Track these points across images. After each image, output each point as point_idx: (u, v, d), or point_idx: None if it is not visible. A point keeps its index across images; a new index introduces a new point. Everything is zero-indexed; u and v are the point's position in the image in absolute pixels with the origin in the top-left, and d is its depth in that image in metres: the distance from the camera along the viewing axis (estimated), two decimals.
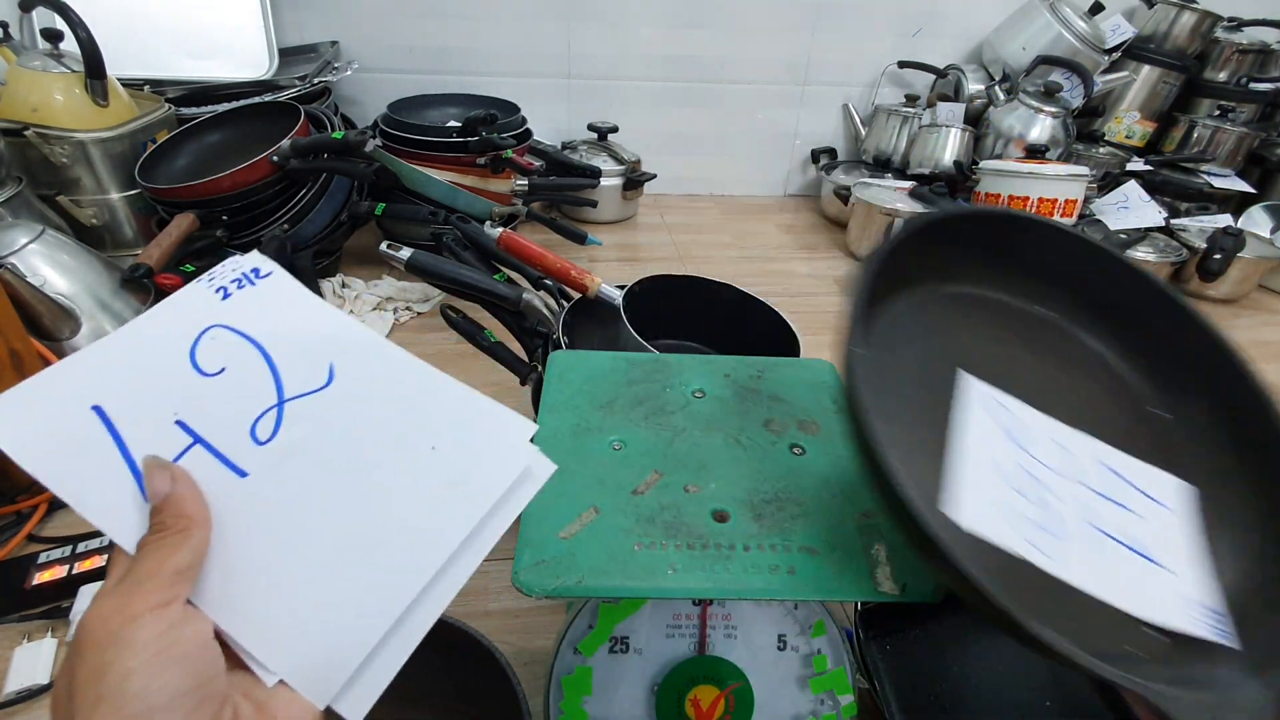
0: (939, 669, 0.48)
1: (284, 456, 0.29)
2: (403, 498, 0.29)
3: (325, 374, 0.31)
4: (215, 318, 0.31)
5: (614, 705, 0.41)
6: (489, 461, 0.30)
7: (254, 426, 0.29)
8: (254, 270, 0.33)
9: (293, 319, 0.32)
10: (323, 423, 0.30)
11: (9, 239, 0.78)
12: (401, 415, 0.31)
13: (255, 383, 0.30)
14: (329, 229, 1.11)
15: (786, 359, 0.52)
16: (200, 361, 0.30)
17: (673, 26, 1.57)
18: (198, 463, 0.28)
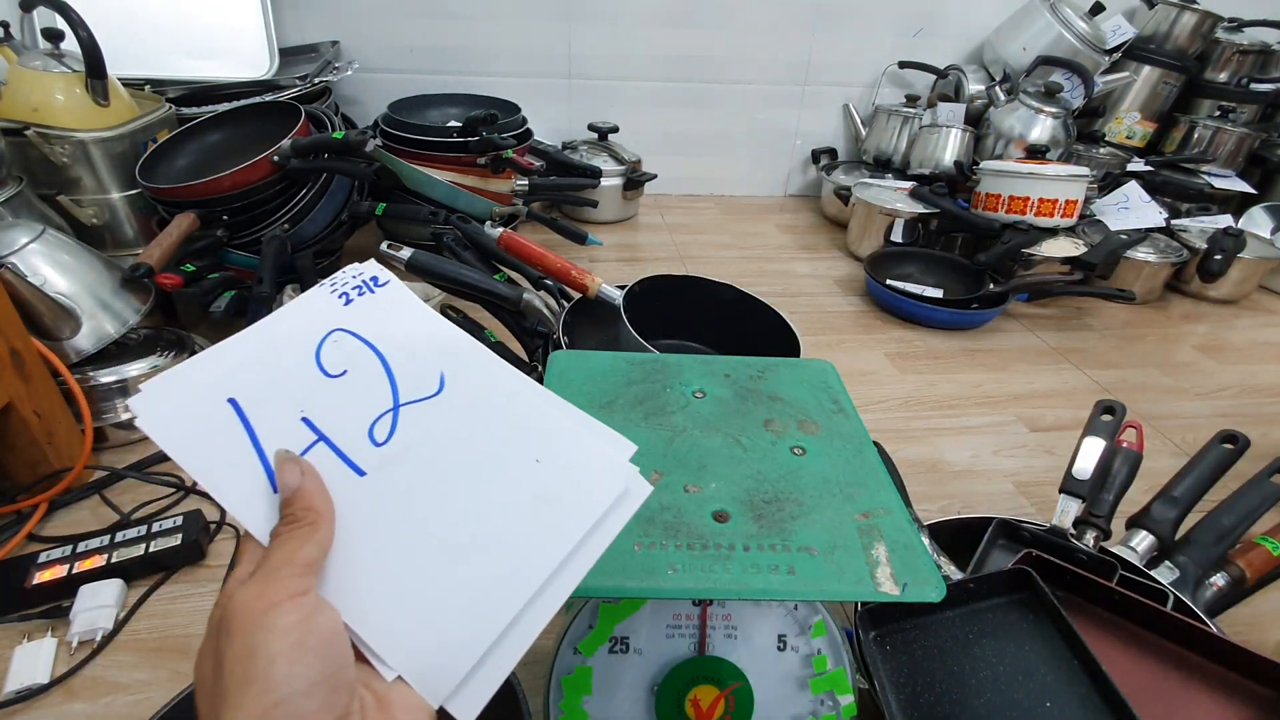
0: (939, 669, 0.48)
1: (399, 458, 0.29)
2: (508, 507, 0.29)
3: (437, 382, 0.32)
4: (338, 321, 0.33)
5: (614, 705, 0.41)
6: (591, 478, 0.31)
7: (372, 428, 0.30)
8: (373, 279, 0.35)
9: (408, 327, 0.34)
10: (434, 429, 0.31)
11: (9, 238, 0.78)
12: (507, 427, 0.31)
13: (374, 386, 0.31)
14: (329, 229, 1.11)
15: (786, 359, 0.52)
16: (325, 362, 0.31)
17: (673, 26, 1.57)
18: (320, 459, 0.29)
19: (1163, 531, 0.61)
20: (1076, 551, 0.57)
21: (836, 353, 1.12)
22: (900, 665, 0.49)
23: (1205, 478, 0.64)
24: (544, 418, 0.32)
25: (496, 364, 0.33)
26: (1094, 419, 0.63)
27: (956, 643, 0.50)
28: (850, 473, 0.41)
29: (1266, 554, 0.60)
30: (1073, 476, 0.60)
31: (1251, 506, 0.62)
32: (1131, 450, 0.64)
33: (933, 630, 0.51)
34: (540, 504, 0.30)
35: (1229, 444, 0.66)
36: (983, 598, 0.52)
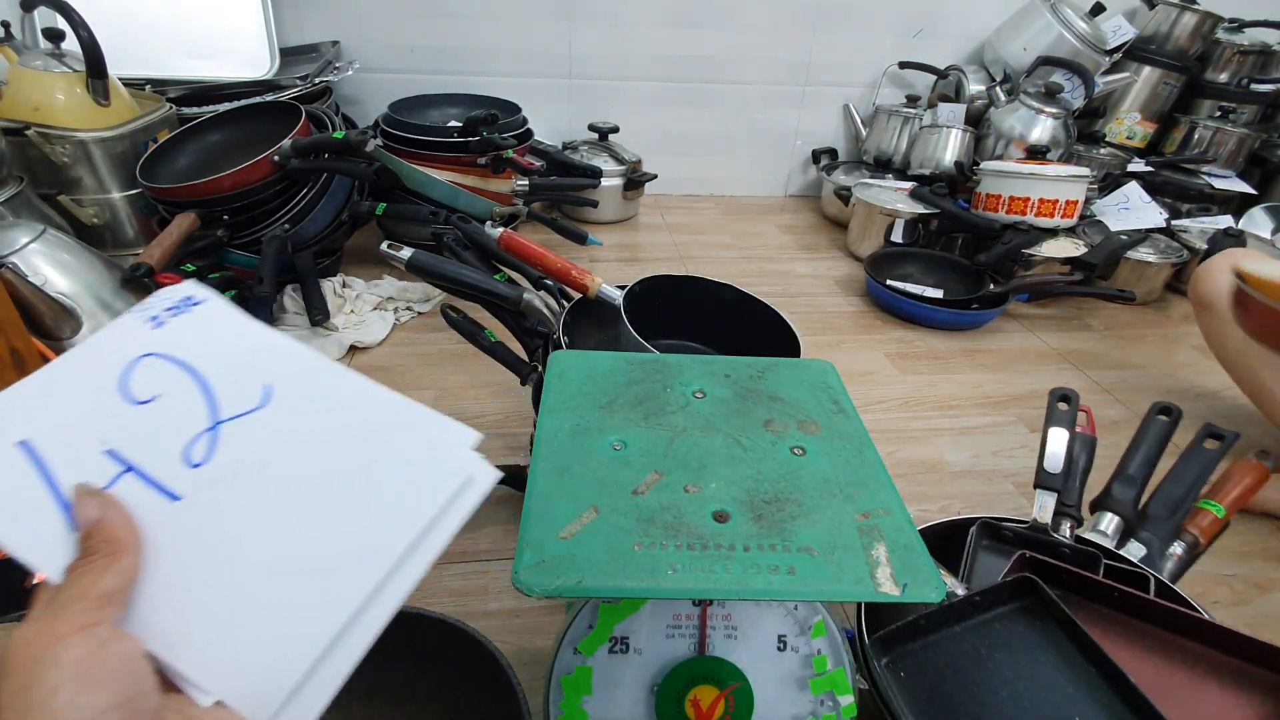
0: (957, 691, 0.48)
1: (220, 478, 0.29)
2: (343, 512, 0.29)
3: (261, 394, 0.31)
4: (147, 346, 0.31)
5: (614, 705, 0.41)
6: (430, 472, 0.30)
7: (188, 450, 0.29)
8: (187, 298, 0.33)
9: (228, 343, 0.32)
10: (260, 442, 0.30)
11: (10, 238, 0.78)
12: (341, 430, 0.31)
13: (189, 407, 0.30)
14: (330, 229, 1.11)
15: (787, 359, 0.52)
16: (132, 390, 0.30)
17: (673, 27, 1.57)
18: (129, 490, 0.28)
19: (1126, 511, 0.63)
20: (1060, 545, 0.58)
21: (836, 353, 1.12)
22: (917, 690, 0.48)
23: (1153, 452, 0.67)
24: (380, 417, 0.32)
25: (329, 368, 0.33)
26: (1053, 409, 0.64)
27: (969, 660, 0.49)
28: (850, 473, 0.41)
29: (1212, 517, 0.63)
30: (1045, 470, 0.61)
31: (1195, 474, 0.65)
32: (1087, 435, 0.65)
33: (943, 648, 0.50)
34: (376, 504, 0.29)
35: (1164, 415, 0.68)
36: (987, 609, 0.52)
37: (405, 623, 0.50)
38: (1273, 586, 0.74)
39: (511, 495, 0.77)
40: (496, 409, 0.93)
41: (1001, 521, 0.60)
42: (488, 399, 0.95)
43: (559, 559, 0.34)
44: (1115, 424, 0.98)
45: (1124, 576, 0.56)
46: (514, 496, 0.77)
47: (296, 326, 1.03)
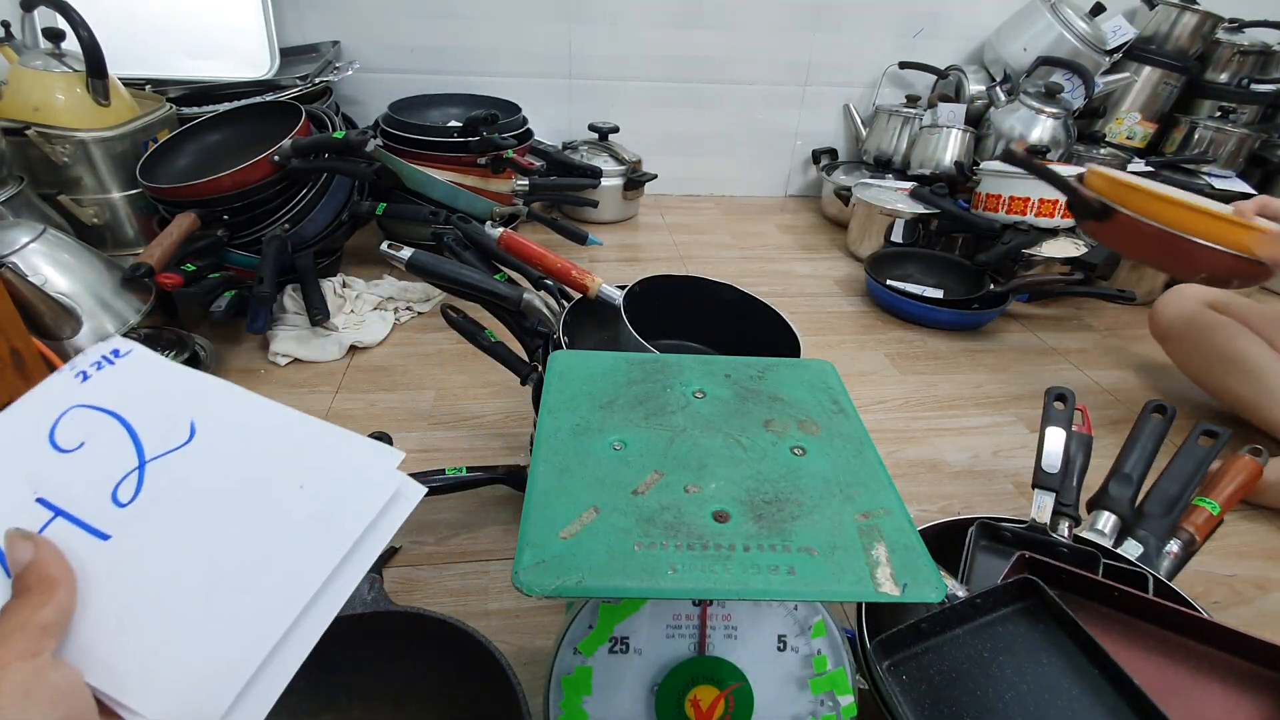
0: (962, 695, 0.47)
1: (148, 513, 0.30)
2: (272, 536, 0.30)
3: (186, 431, 0.33)
4: (74, 399, 0.34)
5: (614, 705, 0.41)
6: (356, 492, 0.32)
7: (115, 490, 0.31)
8: (113, 351, 0.36)
9: (152, 387, 0.35)
10: (187, 475, 0.32)
11: (10, 238, 0.78)
12: (266, 459, 0.33)
13: (115, 450, 0.32)
14: (330, 229, 1.11)
15: (787, 359, 0.52)
16: (59, 440, 0.32)
17: (674, 27, 1.57)
18: (61, 533, 0.29)
19: (1123, 510, 0.64)
20: (1058, 545, 0.58)
21: (837, 353, 1.12)
22: (921, 695, 0.48)
23: (1148, 450, 0.67)
24: (305, 442, 0.33)
25: (252, 401, 0.35)
26: (1049, 409, 0.65)
27: (972, 662, 0.49)
28: (850, 473, 0.41)
29: (1208, 514, 0.63)
30: (1043, 470, 0.61)
31: (1190, 471, 0.65)
32: (1084, 434, 0.65)
33: (946, 652, 0.50)
34: (305, 527, 0.31)
35: (1158, 414, 0.69)
36: (989, 610, 0.52)
37: (405, 623, 0.50)
38: (1273, 586, 0.74)
39: (511, 495, 0.77)
40: (496, 409, 0.93)
41: (1000, 522, 0.60)
42: (488, 399, 0.95)
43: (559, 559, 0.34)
44: (1115, 424, 0.98)
45: (1122, 575, 0.57)
46: (514, 496, 0.77)
47: (296, 326, 1.03)
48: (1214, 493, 0.65)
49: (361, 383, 0.97)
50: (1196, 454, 0.66)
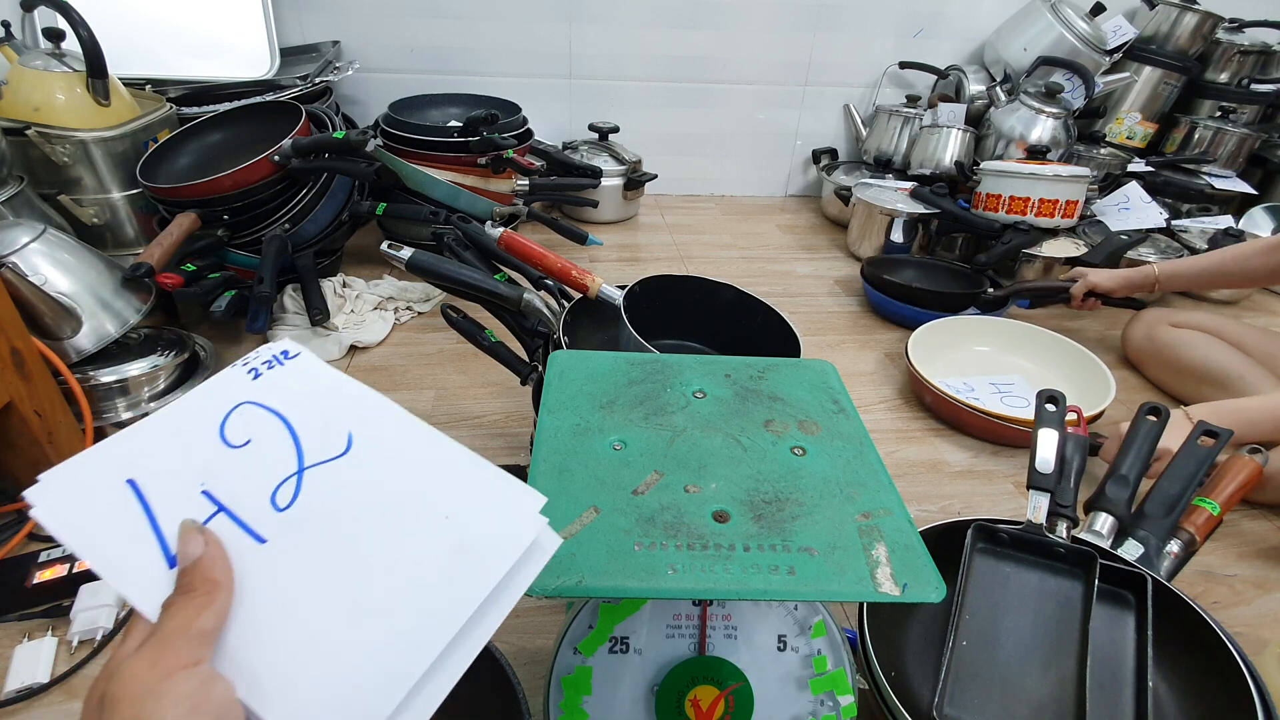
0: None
1: (302, 522, 0.30)
2: (416, 563, 0.29)
3: (344, 442, 0.33)
4: (245, 395, 0.34)
5: (614, 705, 0.41)
6: (500, 532, 0.31)
7: (275, 494, 0.31)
8: (283, 353, 0.36)
9: (316, 392, 0.35)
10: (341, 487, 0.31)
11: (11, 238, 0.78)
12: (417, 482, 0.32)
13: (278, 452, 0.32)
14: (330, 229, 1.11)
15: (787, 359, 0.52)
16: (229, 435, 0.32)
17: (674, 27, 1.57)
18: (221, 529, 0.29)
19: (1120, 511, 0.64)
20: (1055, 545, 0.58)
21: (837, 353, 1.12)
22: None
23: (1145, 452, 0.67)
24: (454, 471, 0.33)
25: (406, 420, 0.34)
26: (1040, 411, 0.65)
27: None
28: (850, 473, 0.41)
29: (1208, 514, 0.63)
30: (1037, 471, 0.61)
31: (1190, 472, 0.65)
32: (1079, 435, 0.65)
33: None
34: (449, 559, 0.30)
35: (1152, 416, 0.69)
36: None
37: None
38: (1273, 586, 0.74)
39: None
40: (496, 409, 0.93)
41: (996, 523, 0.60)
42: (488, 399, 0.95)
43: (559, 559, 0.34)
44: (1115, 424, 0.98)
45: (1121, 575, 0.57)
46: None
47: (296, 326, 1.03)
48: (1214, 493, 0.65)
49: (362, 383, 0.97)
50: (1197, 454, 0.66)
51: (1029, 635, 0.55)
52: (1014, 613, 0.56)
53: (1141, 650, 0.53)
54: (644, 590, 0.34)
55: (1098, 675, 0.52)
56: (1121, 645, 0.55)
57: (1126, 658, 0.54)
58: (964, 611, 0.56)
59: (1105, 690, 0.52)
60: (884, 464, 0.42)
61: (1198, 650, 0.53)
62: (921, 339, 1.04)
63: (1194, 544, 0.62)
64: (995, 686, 0.52)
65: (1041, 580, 0.58)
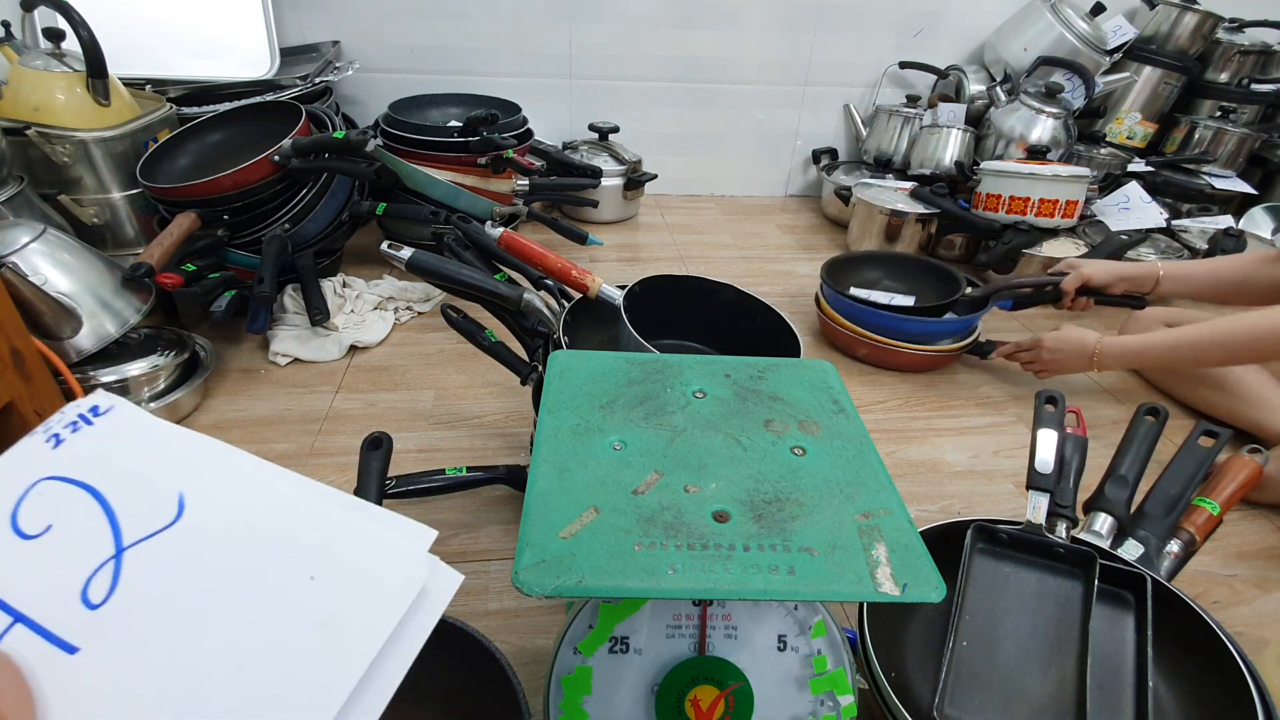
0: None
1: (123, 618, 0.25)
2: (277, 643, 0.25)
3: (174, 507, 0.28)
4: (43, 470, 0.28)
5: (614, 705, 0.41)
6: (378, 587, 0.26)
7: (86, 588, 0.26)
8: (92, 409, 0.30)
9: (136, 451, 0.29)
10: (172, 566, 0.26)
11: (11, 238, 0.78)
12: (270, 541, 0.27)
13: (89, 534, 0.27)
14: (330, 228, 1.11)
15: (787, 359, 0.52)
16: (22, 524, 0.27)
17: (674, 27, 1.56)
18: (19, 643, 0.25)
19: (1119, 511, 0.64)
20: (1055, 545, 0.58)
21: (836, 353, 1.12)
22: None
23: (1143, 452, 0.67)
24: (316, 522, 0.28)
25: (252, 468, 0.29)
26: (1040, 412, 0.65)
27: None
28: (850, 473, 0.41)
29: (1208, 514, 0.63)
30: (1036, 471, 0.61)
31: (1190, 472, 0.65)
32: (1079, 436, 0.66)
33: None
34: (320, 629, 0.25)
35: (1151, 416, 0.69)
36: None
37: None
38: (1273, 586, 0.74)
39: (511, 495, 0.77)
40: (496, 409, 0.93)
41: (996, 524, 0.60)
42: (488, 399, 0.95)
43: (559, 559, 0.34)
44: (1116, 424, 0.98)
45: (1120, 575, 0.57)
46: (514, 496, 0.77)
47: (297, 326, 1.03)
48: (1214, 493, 0.65)
49: (361, 383, 0.97)
50: (1197, 454, 0.66)
51: (1029, 635, 0.55)
52: (1014, 613, 0.56)
53: (1141, 650, 0.53)
54: (644, 590, 0.34)
55: (1098, 675, 0.52)
56: (1121, 645, 0.55)
57: (1126, 658, 0.54)
58: (964, 612, 0.56)
59: (1105, 690, 0.52)
60: (884, 464, 0.42)
61: (1198, 650, 0.53)
62: None
63: (1194, 544, 0.62)
64: (995, 687, 0.52)
65: (1041, 580, 0.58)
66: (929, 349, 1.04)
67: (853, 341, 1.07)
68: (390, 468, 0.64)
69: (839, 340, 1.10)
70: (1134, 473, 0.66)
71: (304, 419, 0.89)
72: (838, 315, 1.07)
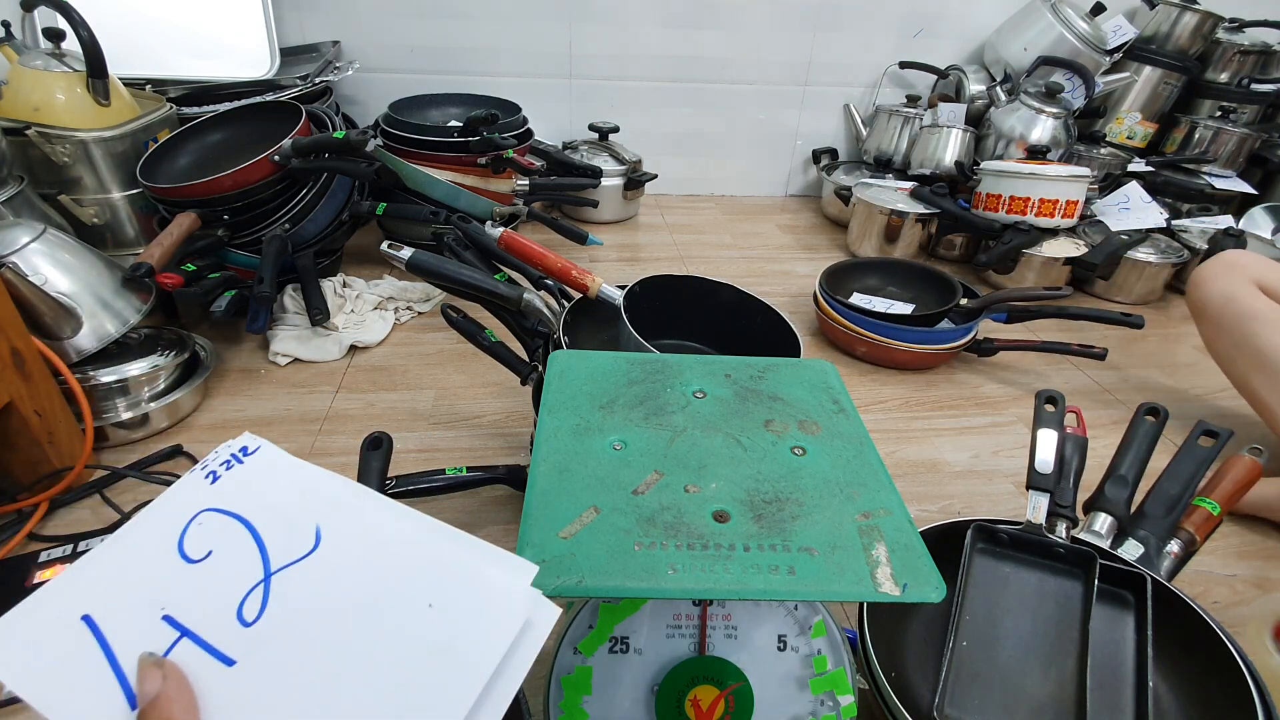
0: None
1: (271, 636, 0.28)
2: (401, 664, 0.28)
3: (312, 538, 0.31)
4: (204, 502, 0.32)
5: (614, 705, 0.41)
6: (490, 616, 0.29)
7: (241, 607, 0.29)
8: (242, 449, 0.34)
9: (280, 487, 0.33)
10: (311, 588, 0.30)
11: (11, 238, 0.78)
12: (393, 571, 0.30)
13: (243, 560, 0.30)
14: (330, 228, 1.11)
15: (787, 359, 0.52)
16: (188, 549, 0.31)
17: (674, 27, 1.57)
18: (185, 656, 0.28)
19: (1119, 511, 0.63)
20: (1055, 545, 0.58)
21: (837, 353, 1.12)
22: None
23: (1143, 452, 0.67)
24: (433, 554, 0.31)
25: (377, 504, 0.33)
26: (1040, 412, 0.65)
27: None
28: (850, 473, 0.41)
29: (1207, 514, 0.63)
30: (1036, 471, 0.61)
31: (1190, 472, 0.65)
32: (1079, 436, 0.66)
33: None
34: (436, 654, 0.28)
35: (1151, 416, 0.69)
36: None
37: None
38: (1273, 586, 0.74)
39: (511, 495, 0.77)
40: (496, 409, 0.93)
41: (996, 524, 0.60)
42: (488, 399, 0.95)
43: (559, 559, 0.34)
44: (1116, 424, 0.98)
45: (1120, 575, 0.57)
46: (514, 496, 0.77)
47: (297, 326, 1.03)
48: (1214, 493, 0.65)
49: (361, 382, 0.97)
50: (1197, 454, 0.66)
51: (1029, 635, 0.55)
52: (1014, 613, 0.56)
53: (1141, 650, 0.53)
54: (644, 590, 0.34)
55: (1098, 675, 0.52)
56: (1121, 645, 0.55)
57: (1126, 657, 0.54)
58: (964, 612, 0.56)
59: (1105, 690, 0.52)
60: (884, 464, 0.42)
61: (1198, 650, 0.53)
62: None
63: (1194, 544, 0.62)
64: (995, 686, 0.52)
65: (1041, 580, 0.58)
66: (927, 347, 1.04)
67: (852, 340, 1.07)
68: (390, 468, 0.64)
69: (838, 339, 1.10)
70: (1134, 472, 0.66)
71: (304, 419, 0.89)
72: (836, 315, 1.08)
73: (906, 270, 1.24)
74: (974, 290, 1.13)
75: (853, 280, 1.22)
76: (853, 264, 1.24)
